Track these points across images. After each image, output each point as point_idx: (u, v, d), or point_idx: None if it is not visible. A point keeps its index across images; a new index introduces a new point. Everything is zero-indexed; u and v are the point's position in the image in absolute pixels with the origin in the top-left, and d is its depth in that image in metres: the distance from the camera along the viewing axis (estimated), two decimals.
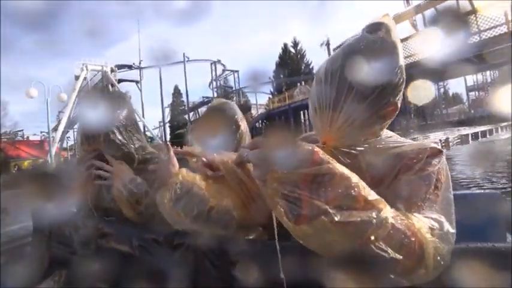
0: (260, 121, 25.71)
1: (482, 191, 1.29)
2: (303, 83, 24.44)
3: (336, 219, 0.45)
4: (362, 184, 0.48)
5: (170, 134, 27.90)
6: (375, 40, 0.64)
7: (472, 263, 0.51)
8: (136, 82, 26.08)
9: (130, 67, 25.93)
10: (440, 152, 0.62)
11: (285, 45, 30.33)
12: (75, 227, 0.98)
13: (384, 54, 0.63)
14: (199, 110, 29.24)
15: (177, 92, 31.74)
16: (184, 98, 29.73)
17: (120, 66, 25.55)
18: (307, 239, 0.48)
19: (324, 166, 0.47)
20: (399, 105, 0.67)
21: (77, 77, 22.75)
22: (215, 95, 29.78)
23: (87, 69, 23.32)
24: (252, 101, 30.05)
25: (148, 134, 23.50)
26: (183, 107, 30.23)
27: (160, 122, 28.37)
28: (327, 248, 0.49)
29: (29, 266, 0.93)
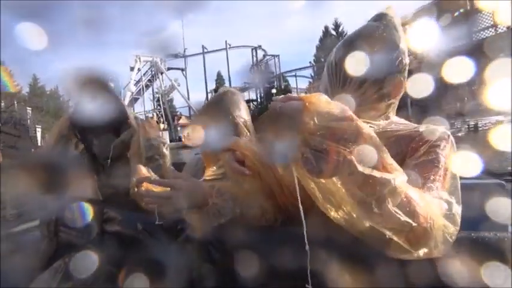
0: None
1: (485, 180, 1.16)
2: None
3: (360, 169, 0.44)
4: (384, 149, 0.48)
5: None
6: (378, 26, 0.70)
7: (474, 251, 0.51)
8: (182, 70, 27.01)
9: (176, 56, 26.85)
10: (448, 136, 0.63)
11: (326, 28, 28.70)
12: (81, 212, 0.98)
13: (385, 37, 0.68)
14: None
15: (220, 78, 32.12)
16: (227, 84, 30.07)
17: (167, 56, 26.56)
18: (329, 192, 0.49)
19: (354, 123, 0.46)
20: (404, 82, 0.69)
21: (131, 68, 24.34)
22: (256, 80, 29.72)
23: (140, 61, 24.76)
24: (293, 85, 29.41)
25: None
26: None
27: None
28: (345, 203, 0.49)
29: (37, 251, 0.94)
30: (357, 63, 0.67)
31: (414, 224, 0.47)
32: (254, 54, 29.48)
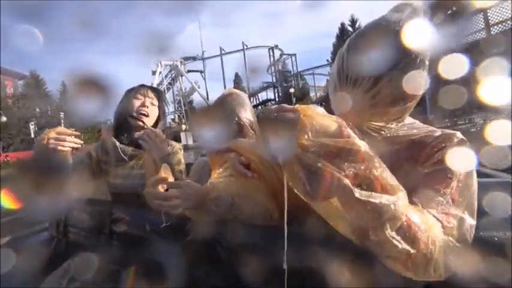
0: (319, 104, 24.81)
1: (493, 179, 1.10)
2: None
3: (356, 195, 0.41)
4: (384, 167, 0.45)
5: None
6: (398, 18, 0.59)
7: (481, 252, 0.47)
8: (201, 72, 27.53)
9: (194, 58, 27.43)
10: (463, 141, 0.57)
11: (342, 24, 28.07)
12: (90, 212, 0.97)
13: (407, 32, 0.57)
14: (258, 94, 29.47)
15: (237, 79, 32.29)
16: (245, 84, 30.22)
17: (186, 58, 27.20)
18: (323, 211, 0.47)
19: (350, 140, 0.43)
20: (423, 84, 0.60)
21: (153, 72, 25.29)
22: (274, 79, 29.70)
23: (161, 65, 25.68)
24: (311, 83, 29.05)
25: None
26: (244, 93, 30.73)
27: None
28: (342, 224, 0.47)
29: (45, 252, 0.94)
30: (370, 60, 0.58)
31: (413, 251, 0.43)
32: (271, 53, 29.56)
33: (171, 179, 0.86)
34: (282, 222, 0.68)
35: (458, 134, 0.59)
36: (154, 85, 24.22)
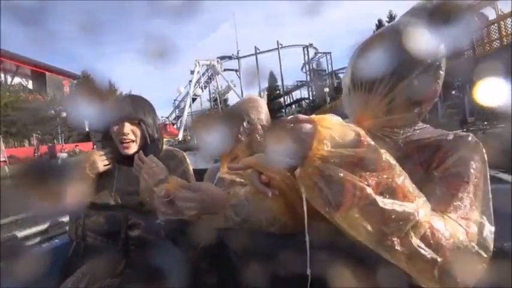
0: None
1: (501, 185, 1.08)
2: None
3: (380, 205, 0.40)
4: (405, 174, 0.43)
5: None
6: (416, 22, 0.57)
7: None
8: (236, 71, 27.85)
9: (230, 57, 27.78)
10: (477, 143, 0.55)
11: (380, 21, 26.56)
12: (107, 217, 0.98)
13: (423, 35, 0.55)
14: (293, 93, 29.16)
15: (272, 78, 32.15)
16: (279, 83, 30.01)
17: (222, 58, 27.67)
18: (345, 223, 0.44)
19: (371, 149, 0.42)
20: (439, 90, 0.58)
21: (192, 72, 26.09)
22: (308, 78, 29.18)
23: (199, 64, 26.42)
24: None
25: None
26: (278, 91, 30.65)
27: None
28: (365, 236, 0.43)
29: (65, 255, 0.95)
30: (386, 66, 0.55)
31: (440, 260, 0.42)
32: (305, 52, 29.03)
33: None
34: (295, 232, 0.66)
35: (472, 136, 0.56)
36: (193, 84, 25.10)
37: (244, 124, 0.93)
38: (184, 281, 0.78)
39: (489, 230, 0.47)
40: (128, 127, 1.00)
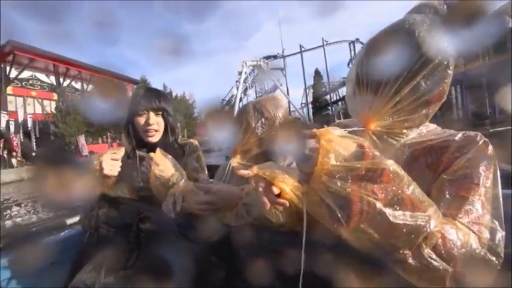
0: None
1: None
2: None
3: (391, 219, 0.38)
4: (413, 183, 0.41)
5: (313, 114, 28.10)
6: (423, 20, 0.53)
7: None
8: (282, 69, 27.66)
9: (275, 57, 27.70)
10: (486, 143, 0.51)
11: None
12: (119, 210, 0.95)
13: (432, 35, 0.51)
14: (339, 90, 28.07)
15: (317, 75, 31.22)
16: (325, 80, 29.11)
17: (267, 57, 27.71)
18: (354, 238, 0.42)
19: (376, 161, 0.39)
20: (447, 90, 0.54)
21: (239, 73, 26.65)
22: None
23: (246, 65, 26.86)
24: None
25: (295, 113, 25.14)
26: (324, 89, 29.74)
27: (303, 103, 28.92)
28: (377, 251, 0.41)
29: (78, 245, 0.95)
30: (393, 67, 0.52)
31: (451, 270, 0.40)
32: (352, 48, 27.55)
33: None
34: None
35: (480, 136, 0.53)
36: (241, 84, 25.83)
37: (262, 119, 0.90)
38: (194, 274, 0.77)
39: (501, 234, 0.45)
40: (153, 117, 1.05)
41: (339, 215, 0.39)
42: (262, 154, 0.87)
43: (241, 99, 26.72)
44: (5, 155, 13.99)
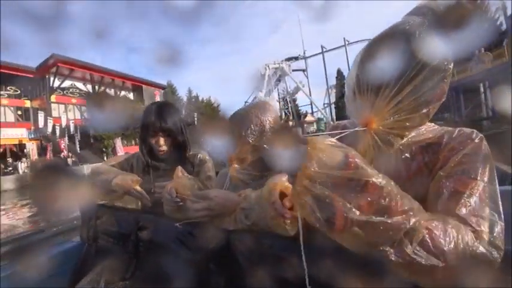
0: None
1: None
2: (482, 49, 17.04)
3: (370, 220, 0.39)
4: (395, 192, 0.41)
5: (336, 114, 27.46)
6: (421, 22, 0.53)
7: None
8: (303, 71, 27.27)
9: (296, 58, 27.36)
10: (481, 139, 0.51)
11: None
12: (117, 220, 0.91)
13: (430, 35, 0.51)
14: None
15: (339, 75, 30.40)
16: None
17: (289, 59, 27.43)
18: (341, 240, 0.43)
19: (358, 171, 0.40)
20: (446, 89, 0.53)
21: (262, 75, 26.62)
22: None
23: (269, 68, 26.81)
24: None
25: (318, 114, 24.78)
26: None
27: (325, 103, 28.32)
28: (363, 249, 0.42)
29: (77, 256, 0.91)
30: (393, 69, 0.51)
31: (442, 264, 0.39)
32: None
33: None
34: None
35: (476, 132, 0.53)
36: (264, 87, 25.82)
37: (252, 127, 0.86)
38: (193, 283, 0.75)
39: (500, 227, 0.45)
40: (161, 140, 1.09)
41: (321, 219, 0.40)
42: (258, 161, 0.85)
43: None
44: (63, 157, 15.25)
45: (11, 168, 14.80)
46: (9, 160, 15.55)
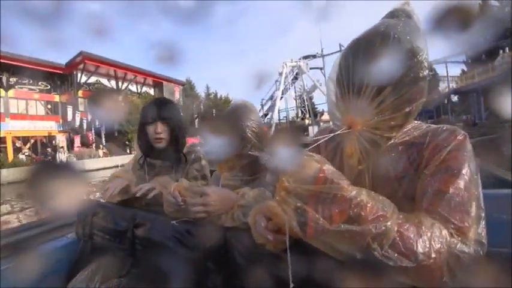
0: (447, 100, 19.71)
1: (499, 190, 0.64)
2: (506, 49, 15.98)
3: (336, 229, 0.41)
4: (365, 201, 0.42)
5: None
6: (397, 23, 0.54)
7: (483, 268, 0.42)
8: (321, 69, 26.76)
9: (314, 56, 26.87)
10: (465, 136, 0.51)
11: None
12: (113, 217, 0.87)
13: (407, 36, 0.52)
14: None
15: None
16: None
17: (306, 57, 26.97)
18: (316, 244, 0.45)
19: (327, 186, 0.43)
20: (426, 87, 0.54)
21: (280, 73, 26.41)
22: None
23: (286, 66, 26.54)
24: (443, 72, 23.32)
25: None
26: None
27: None
28: (336, 253, 0.44)
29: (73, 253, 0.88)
30: (374, 69, 0.50)
31: (412, 265, 0.40)
32: None
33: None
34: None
35: (458, 129, 0.52)
36: (281, 84, 25.67)
37: (237, 135, 0.84)
38: (190, 281, 0.73)
39: (483, 224, 0.46)
40: (160, 126, 1.08)
41: (295, 227, 0.43)
42: (247, 165, 0.84)
43: (280, 98, 26.46)
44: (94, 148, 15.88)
45: (50, 158, 15.44)
46: (49, 150, 16.28)
